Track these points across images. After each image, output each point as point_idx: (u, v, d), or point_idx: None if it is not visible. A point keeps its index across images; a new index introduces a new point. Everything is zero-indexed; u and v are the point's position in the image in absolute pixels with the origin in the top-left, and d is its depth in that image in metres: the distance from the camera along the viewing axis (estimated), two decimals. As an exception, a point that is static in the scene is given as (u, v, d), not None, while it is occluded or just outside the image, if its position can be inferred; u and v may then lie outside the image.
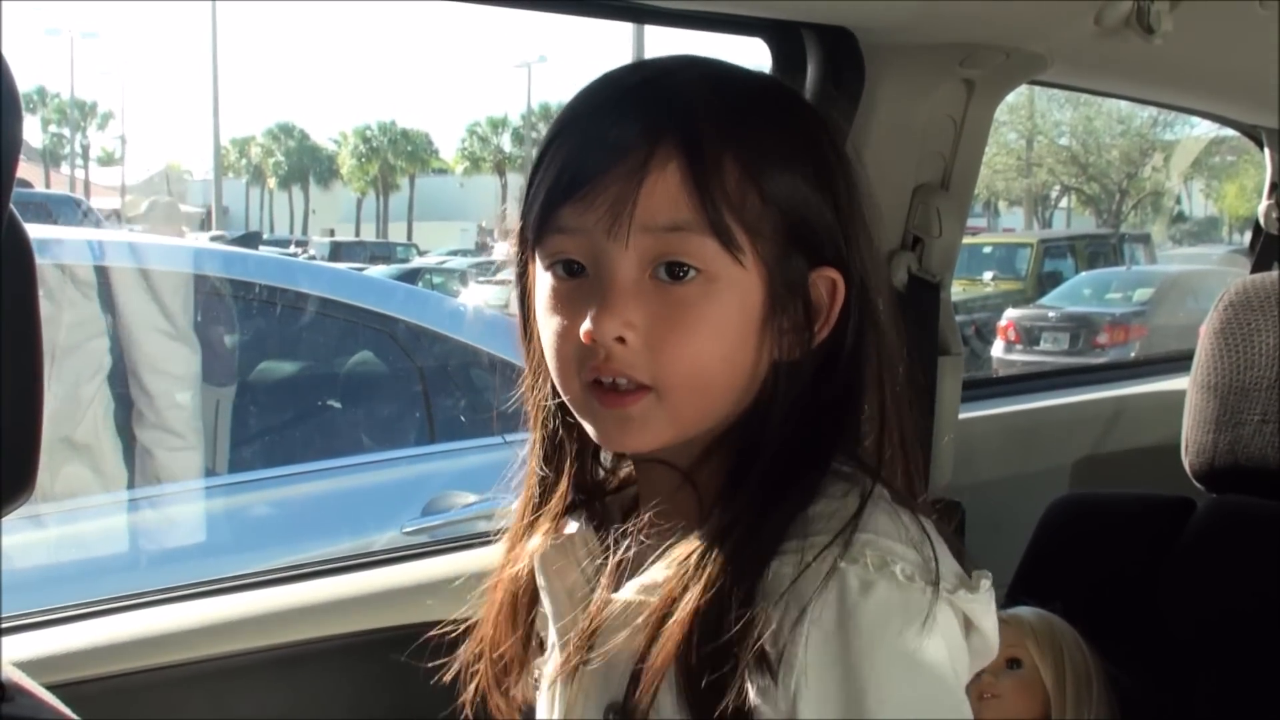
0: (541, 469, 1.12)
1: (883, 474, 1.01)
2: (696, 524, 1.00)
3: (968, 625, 0.97)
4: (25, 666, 0.87)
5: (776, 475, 0.98)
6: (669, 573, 0.97)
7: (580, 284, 1.00)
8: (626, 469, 1.14)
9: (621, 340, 0.97)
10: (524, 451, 1.15)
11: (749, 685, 0.91)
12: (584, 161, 0.98)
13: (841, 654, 0.91)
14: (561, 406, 1.07)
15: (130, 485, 2.93)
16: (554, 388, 1.06)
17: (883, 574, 0.92)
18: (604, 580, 1.05)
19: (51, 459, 2.63)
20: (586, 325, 0.97)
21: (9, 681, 0.76)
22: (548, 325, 1.02)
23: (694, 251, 0.96)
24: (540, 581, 1.11)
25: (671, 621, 0.94)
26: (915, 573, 0.93)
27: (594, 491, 1.13)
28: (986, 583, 0.98)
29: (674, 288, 0.97)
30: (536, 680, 1.13)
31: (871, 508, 0.96)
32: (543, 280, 1.03)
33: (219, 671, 1.53)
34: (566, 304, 1.00)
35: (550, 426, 1.10)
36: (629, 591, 1.00)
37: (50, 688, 0.82)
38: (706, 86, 1.01)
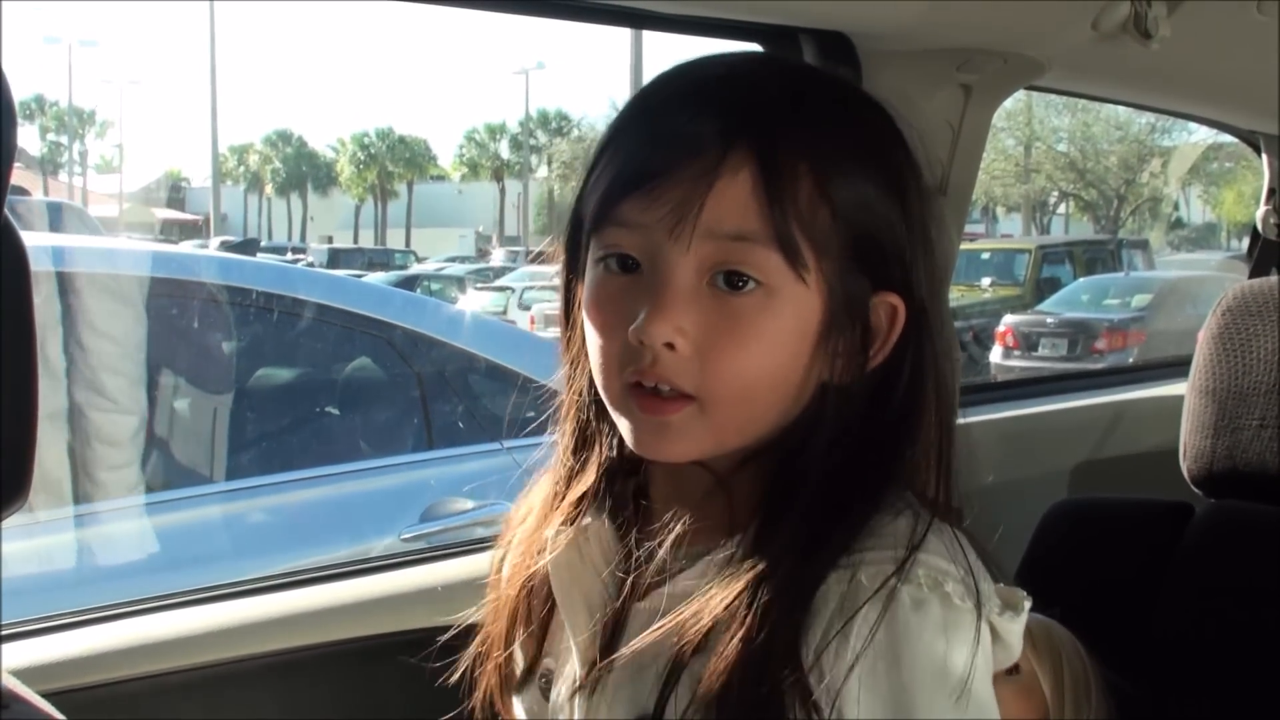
0: (570, 459, 1.09)
1: (929, 494, 1.00)
2: (726, 533, 0.98)
3: (994, 636, 0.96)
4: (22, 674, 0.87)
5: (824, 503, 0.96)
6: (705, 587, 0.95)
7: (634, 281, 0.97)
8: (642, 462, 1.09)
9: (671, 346, 0.94)
10: (553, 439, 1.12)
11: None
12: (652, 155, 0.95)
13: (891, 672, 0.89)
14: (597, 400, 1.04)
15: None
16: (590, 381, 1.03)
17: (935, 593, 0.91)
18: (626, 588, 1.02)
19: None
20: (637, 326, 0.94)
21: (6, 689, 0.76)
22: (594, 319, 0.99)
23: (757, 263, 0.94)
24: (556, 588, 1.07)
25: (715, 664, 0.92)
26: (965, 594, 0.92)
27: (620, 489, 1.09)
28: (1027, 604, 0.98)
29: (731, 297, 0.94)
30: (544, 684, 1.10)
31: (920, 525, 0.95)
32: (592, 274, 1.00)
33: (216, 678, 1.52)
34: (617, 300, 0.97)
35: (583, 419, 1.08)
36: (656, 600, 0.98)
37: (47, 695, 0.82)
38: (787, 91, 0.99)
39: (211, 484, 3.06)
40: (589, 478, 1.08)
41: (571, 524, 1.07)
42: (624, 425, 1.00)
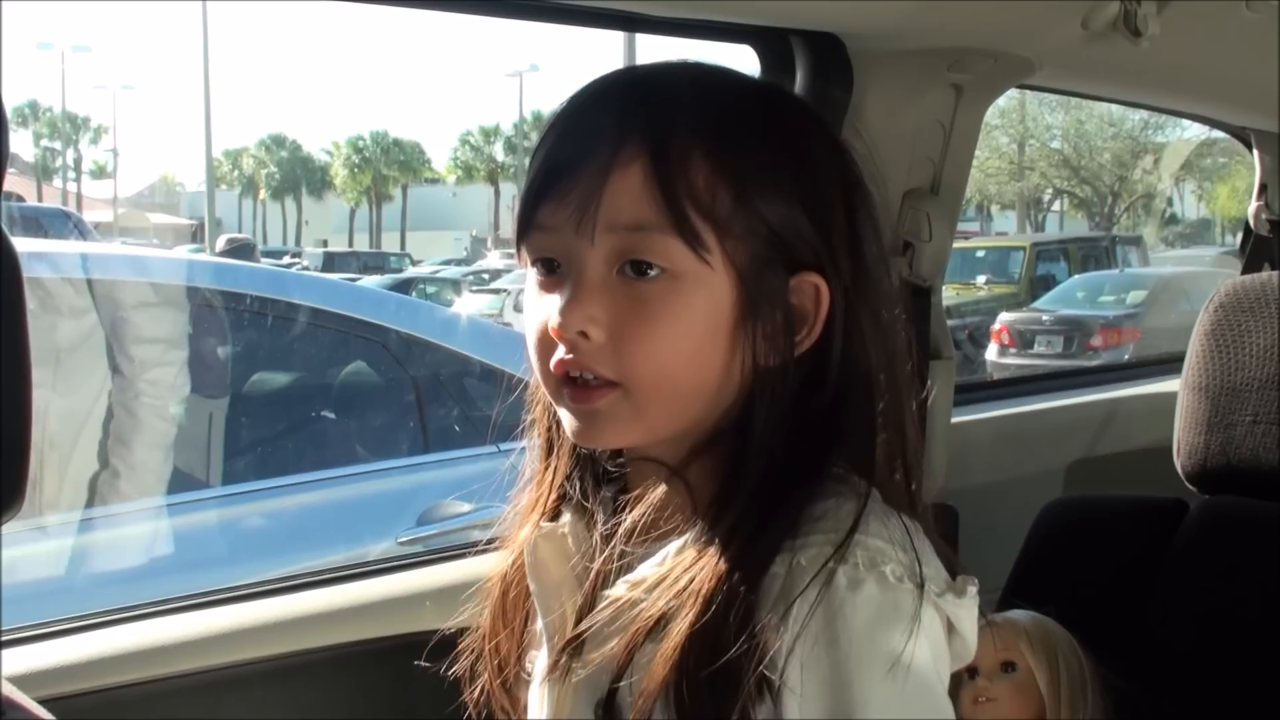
0: (541, 462, 1.13)
1: (877, 477, 1.00)
2: (688, 523, 1.00)
3: (950, 629, 0.97)
4: (19, 681, 0.87)
5: (768, 486, 0.98)
6: (661, 573, 0.97)
7: (556, 280, 1.01)
8: (620, 461, 1.12)
9: (585, 335, 0.98)
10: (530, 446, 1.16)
11: (750, 705, 0.91)
12: (559, 159, 0.99)
13: (828, 652, 0.91)
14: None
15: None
16: None
17: (872, 573, 0.92)
18: (592, 576, 1.04)
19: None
20: (554, 320, 0.98)
21: (3, 696, 0.76)
22: (527, 320, 1.03)
23: (659, 251, 0.97)
24: (532, 583, 1.10)
25: (666, 644, 0.93)
26: (904, 574, 0.93)
27: (589, 484, 1.12)
28: (973, 588, 0.98)
29: (639, 284, 0.97)
30: (528, 675, 1.12)
31: (845, 498, 0.96)
32: (529, 277, 1.04)
33: (214, 683, 1.53)
34: (540, 300, 1.02)
35: (545, 421, 1.12)
36: (619, 588, 1.00)
37: (44, 702, 0.82)
38: (688, 86, 1.02)
39: (208, 489, 3.06)
40: (558, 477, 1.12)
41: (550, 522, 1.11)
42: (563, 417, 1.03)
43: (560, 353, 0.99)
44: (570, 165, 0.98)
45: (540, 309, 1.01)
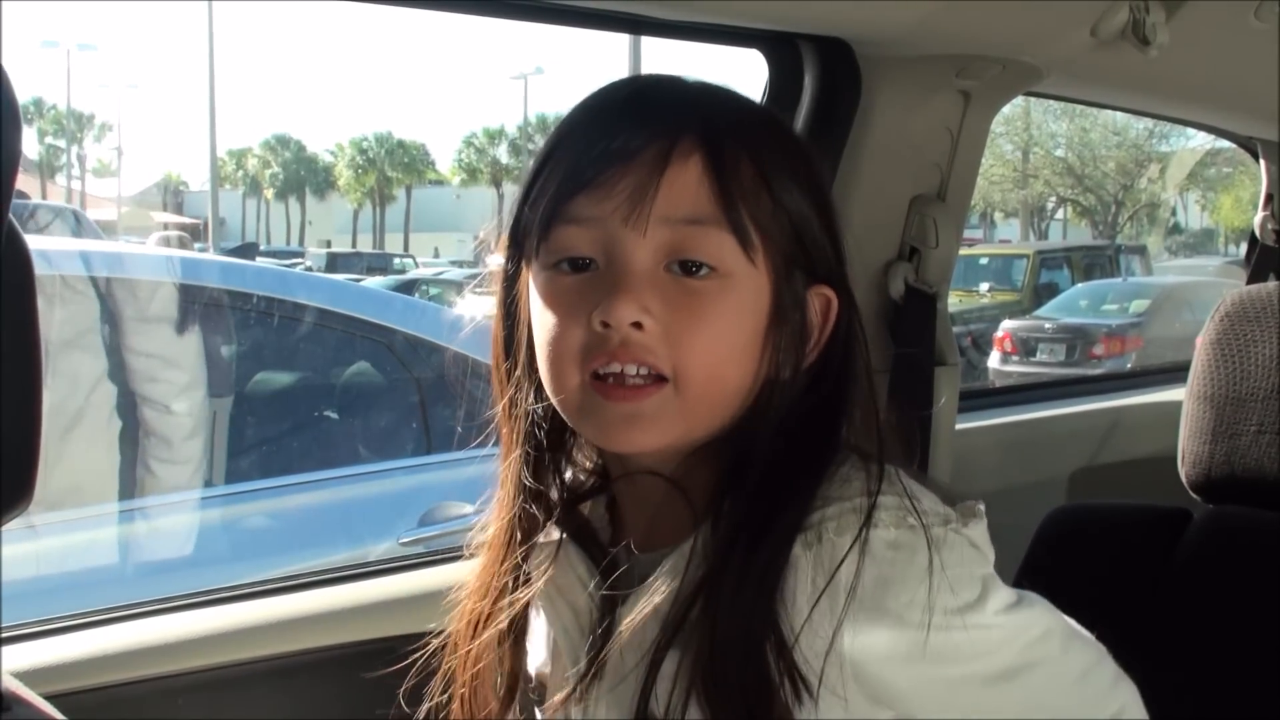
0: (530, 482, 1.08)
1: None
2: (691, 530, 1.00)
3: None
4: (23, 677, 0.87)
5: (773, 488, 0.98)
6: (671, 588, 0.97)
7: (588, 278, 0.99)
8: (593, 480, 1.12)
9: (639, 326, 0.96)
10: (499, 468, 1.12)
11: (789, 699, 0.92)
12: (599, 156, 0.98)
13: (881, 611, 0.92)
14: (551, 419, 1.06)
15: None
16: (538, 396, 1.04)
17: (903, 528, 0.94)
18: (605, 598, 1.04)
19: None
20: (601, 309, 0.96)
21: (7, 691, 0.76)
22: (546, 322, 1.00)
23: (711, 248, 0.97)
24: (545, 607, 1.09)
25: (688, 657, 0.94)
26: (934, 519, 0.95)
27: (571, 501, 1.11)
28: (981, 507, 1.02)
29: (689, 281, 0.97)
30: (535, 695, 1.11)
31: (854, 477, 0.98)
32: (542, 280, 1.01)
33: (217, 681, 1.53)
34: (571, 298, 0.99)
35: (536, 439, 1.08)
36: (636, 613, 0.99)
37: (48, 698, 0.82)
38: (716, 94, 1.04)
39: (211, 488, 3.06)
40: (553, 497, 1.09)
41: (544, 545, 1.08)
42: (588, 424, 1.01)
43: (605, 346, 0.96)
44: (619, 157, 0.97)
45: (566, 309, 0.99)
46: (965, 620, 0.93)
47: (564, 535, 1.08)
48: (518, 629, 1.12)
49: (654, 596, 0.97)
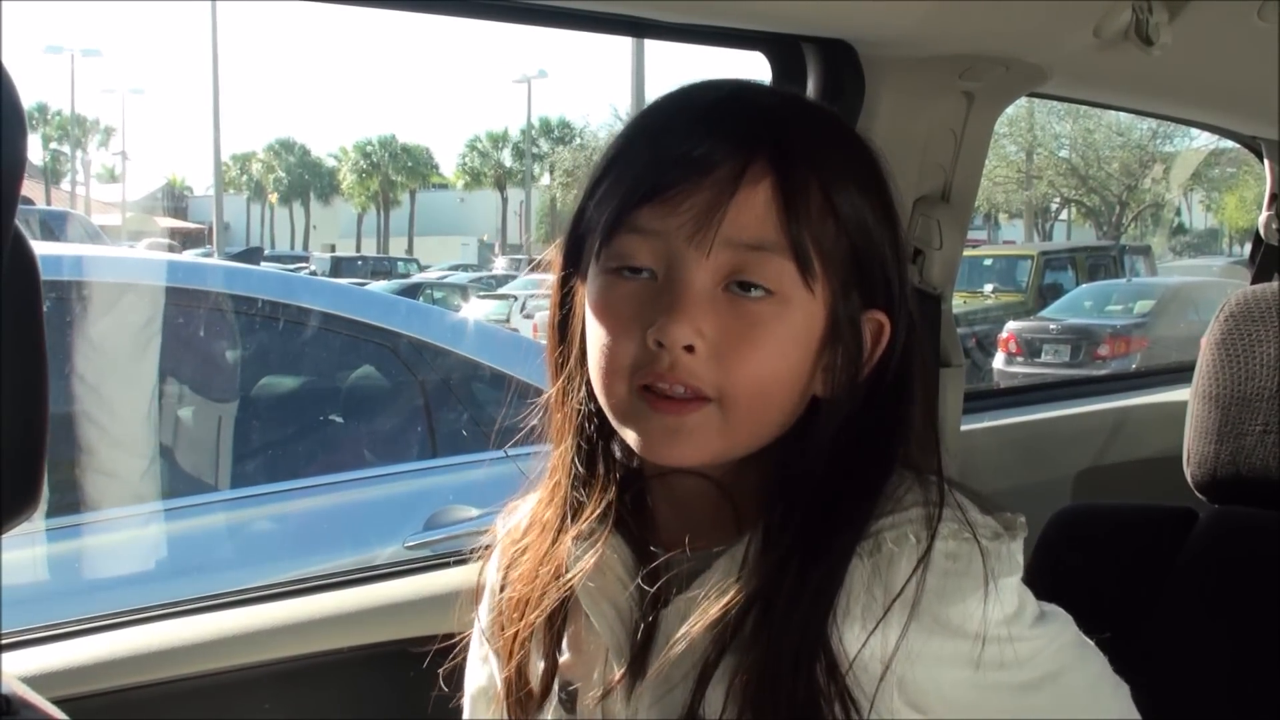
0: (577, 475, 1.08)
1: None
2: (733, 531, 1.00)
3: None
4: (30, 681, 0.87)
5: (830, 501, 0.98)
6: (722, 592, 0.97)
7: (645, 287, 0.98)
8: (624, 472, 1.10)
9: (690, 349, 0.96)
10: (549, 462, 1.11)
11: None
12: (669, 167, 0.97)
13: (941, 617, 0.94)
14: (600, 414, 1.05)
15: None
16: (590, 394, 1.04)
17: (959, 541, 0.96)
18: (650, 597, 1.03)
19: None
20: (656, 328, 0.96)
21: (13, 695, 0.76)
22: (604, 324, 1.00)
23: (771, 273, 0.97)
24: (587, 605, 1.07)
25: (743, 661, 0.95)
26: (990, 534, 0.97)
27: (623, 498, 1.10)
28: (1022, 519, 1.02)
29: (745, 302, 0.97)
30: (566, 696, 1.09)
31: (909, 489, 0.99)
32: (600, 283, 1.01)
33: (222, 686, 1.53)
34: (627, 306, 0.99)
35: (587, 433, 1.08)
36: (690, 624, 0.98)
37: (56, 703, 0.82)
38: (794, 109, 1.04)
39: (216, 492, 3.06)
40: (601, 492, 1.08)
41: (587, 540, 1.07)
42: (631, 431, 1.00)
43: (655, 364, 0.97)
44: (688, 173, 0.96)
45: (622, 317, 0.99)
46: (1010, 631, 0.96)
47: (608, 528, 1.07)
48: (561, 615, 1.11)
49: (708, 607, 0.97)
